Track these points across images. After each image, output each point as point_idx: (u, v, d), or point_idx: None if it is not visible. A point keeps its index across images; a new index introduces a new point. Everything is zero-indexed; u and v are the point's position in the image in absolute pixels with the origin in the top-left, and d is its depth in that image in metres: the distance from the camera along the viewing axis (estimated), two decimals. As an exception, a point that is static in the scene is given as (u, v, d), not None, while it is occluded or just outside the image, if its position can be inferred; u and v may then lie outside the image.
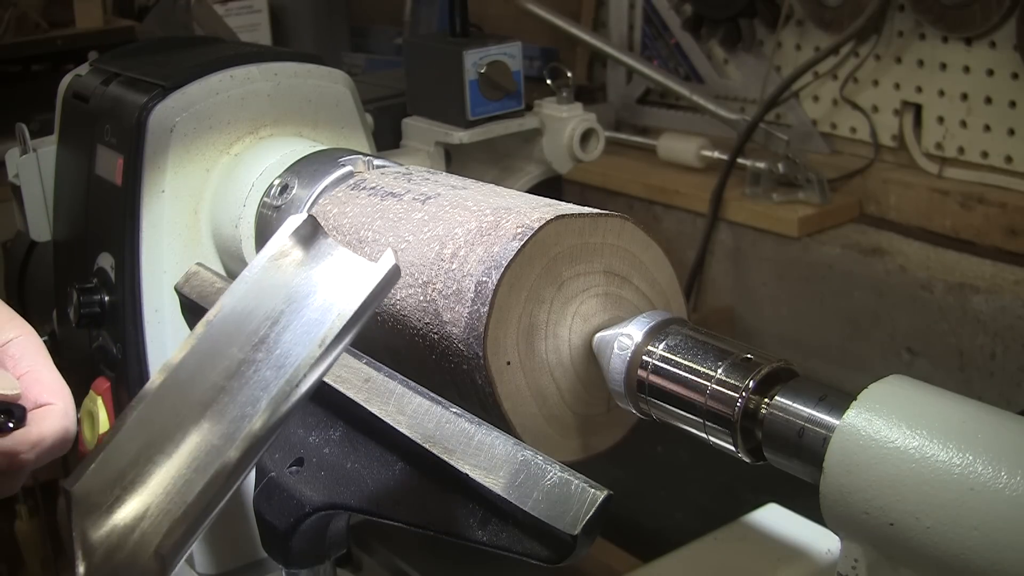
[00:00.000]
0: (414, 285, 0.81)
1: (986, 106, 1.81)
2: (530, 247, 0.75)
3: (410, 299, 0.81)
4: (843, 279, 1.90)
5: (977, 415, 0.62)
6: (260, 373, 0.65)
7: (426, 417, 0.72)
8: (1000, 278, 1.72)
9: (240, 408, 0.64)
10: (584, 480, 0.64)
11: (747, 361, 0.71)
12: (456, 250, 0.79)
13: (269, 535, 0.82)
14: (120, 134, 1.10)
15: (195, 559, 1.12)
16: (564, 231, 0.77)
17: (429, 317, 0.79)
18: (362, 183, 0.94)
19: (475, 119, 1.33)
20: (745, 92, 2.19)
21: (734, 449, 0.71)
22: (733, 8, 2.09)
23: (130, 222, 1.08)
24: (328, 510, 0.79)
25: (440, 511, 0.70)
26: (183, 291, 0.93)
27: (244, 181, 1.05)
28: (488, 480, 0.67)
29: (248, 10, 2.70)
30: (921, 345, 1.82)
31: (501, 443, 0.68)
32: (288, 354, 0.65)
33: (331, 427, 0.79)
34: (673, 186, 2.15)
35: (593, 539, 0.64)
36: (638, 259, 0.81)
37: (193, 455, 0.64)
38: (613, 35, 2.39)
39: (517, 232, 0.76)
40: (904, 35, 1.89)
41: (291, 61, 1.14)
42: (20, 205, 1.31)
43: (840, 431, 0.64)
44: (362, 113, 1.19)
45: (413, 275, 0.82)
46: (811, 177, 1.94)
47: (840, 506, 0.63)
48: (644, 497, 1.53)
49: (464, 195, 0.86)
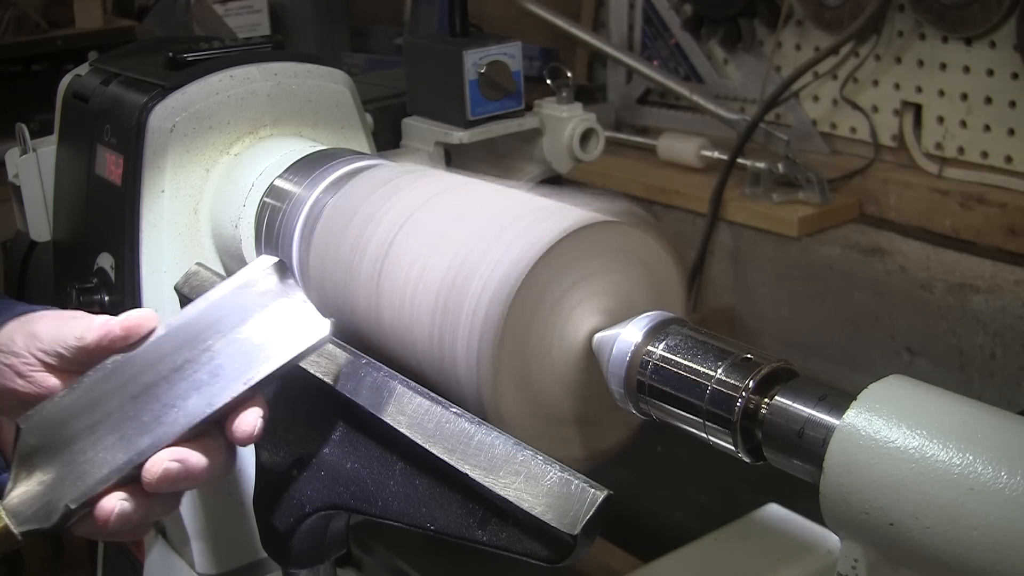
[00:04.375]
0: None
1: (986, 106, 1.81)
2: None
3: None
4: (843, 279, 1.90)
5: (977, 415, 0.62)
6: (197, 374, 0.77)
7: (426, 417, 0.72)
8: (1000, 278, 1.72)
9: (172, 399, 0.76)
10: (584, 480, 0.64)
11: (747, 361, 0.71)
12: (457, 253, 0.79)
13: (269, 535, 0.82)
14: (120, 134, 1.10)
15: (195, 559, 1.12)
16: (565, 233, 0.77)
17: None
18: (362, 184, 0.94)
19: (475, 119, 1.33)
20: (745, 92, 2.19)
21: (734, 449, 0.71)
22: (733, 8, 2.09)
23: (130, 222, 1.08)
24: (328, 510, 0.79)
25: (440, 511, 0.70)
26: (183, 291, 0.93)
27: (244, 181, 1.05)
28: (488, 480, 0.67)
29: (248, 10, 2.70)
30: (921, 345, 1.82)
31: (501, 443, 0.68)
32: (223, 367, 0.77)
33: (331, 427, 0.79)
34: (673, 186, 2.15)
35: (593, 539, 0.64)
36: (639, 258, 0.80)
37: (121, 427, 0.76)
38: (613, 35, 2.39)
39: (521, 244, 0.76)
40: (904, 35, 1.89)
41: (291, 61, 1.14)
42: (20, 205, 1.31)
43: (840, 431, 0.64)
44: (362, 113, 1.19)
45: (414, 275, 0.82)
46: (811, 177, 1.94)
47: (840, 506, 0.63)
48: (644, 497, 1.53)
49: (465, 199, 0.86)
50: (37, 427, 0.75)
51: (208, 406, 0.76)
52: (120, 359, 0.78)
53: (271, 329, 0.79)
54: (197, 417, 0.75)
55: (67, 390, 0.77)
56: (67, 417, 0.76)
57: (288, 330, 0.79)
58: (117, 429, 0.75)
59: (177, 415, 0.76)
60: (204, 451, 0.76)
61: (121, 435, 0.75)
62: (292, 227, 0.96)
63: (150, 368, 0.77)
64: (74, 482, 0.74)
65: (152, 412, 0.76)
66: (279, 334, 0.78)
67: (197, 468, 0.76)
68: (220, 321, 0.79)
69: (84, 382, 0.77)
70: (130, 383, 0.77)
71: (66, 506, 0.73)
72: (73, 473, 0.74)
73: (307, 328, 0.79)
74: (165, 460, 0.75)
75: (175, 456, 0.75)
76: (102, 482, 0.74)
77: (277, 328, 0.79)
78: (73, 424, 0.76)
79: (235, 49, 1.14)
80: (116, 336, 0.79)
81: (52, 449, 0.75)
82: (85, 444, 0.75)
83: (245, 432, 0.76)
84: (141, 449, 0.75)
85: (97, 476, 0.74)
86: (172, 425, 0.75)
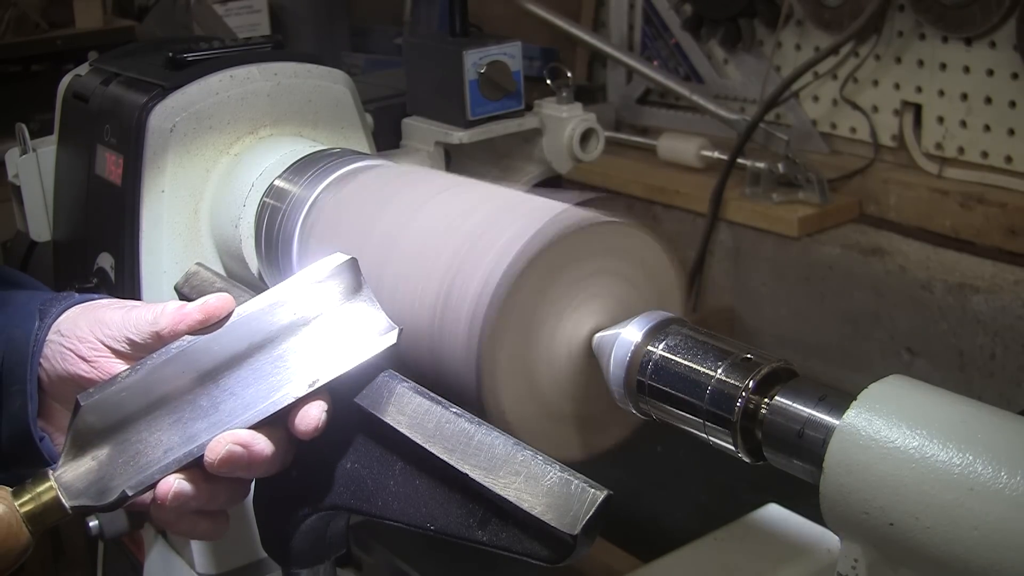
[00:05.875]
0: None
1: (986, 106, 1.81)
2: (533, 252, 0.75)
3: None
4: (843, 279, 1.90)
5: (977, 415, 0.62)
6: (261, 365, 0.77)
7: (426, 417, 0.72)
8: (1000, 278, 1.72)
9: (233, 386, 0.76)
10: (584, 480, 0.64)
11: (747, 361, 0.71)
12: (457, 252, 0.79)
13: (269, 535, 0.82)
14: (120, 134, 1.10)
15: (195, 559, 1.12)
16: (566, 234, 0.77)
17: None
18: (362, 184, 0.94)
19: (475, 119, 1.33)
20: (745, 92, 2.19)
21: (734, 449, 0.71)
22: (733, 8, 2.09)
23: (130, 222, 1.08)
24: (328, 510, 0.79)
25: (440, 511, 0.70)
26: (183, 291, 0.93)
27: (244, 181, 1.05)
28: (488, 480, 0.67)
29: (248, 10, 2.70)
30: (921, 345, 1.82)
31: (501, 443, 0.68)
32: (287, 363, 0.77)
33: (331, 427, 0.79)
34: (673, 186, 2.15)
35: (593, 539, 0.64)
36: (639, 258, 0.80)
37: (178, 410, 0.76)
38: (613, 35, 2.39)
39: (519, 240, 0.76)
40: (904, 35, 1.89)
41: (291, 61, 1.14)
42: (20, 205, 1.31)
43: (840, 431, 0.64)
44: (362, 113, 1.19)
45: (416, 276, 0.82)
46: (811, 177, 1.94)
47: (840, 506, 0.63)
48: (644, 497, 1.53)
49: (465, 198, 0.86)
50: (96, 405, 0.75)
51: (271, 404, 0.75)
52: (185, 343, 0.77)
53: (340, 329, 0.78)
54: (257, 410, 0.75)
55: (129, 370, 0.77)
56: (127, 398, 0.75)
57: (356, 333, 0.78)
58: (174, 412, 0.75)
59: (235, 403, 0.75)
60: (269, 439, 0.75)
61: (177, 418, 0.75)
62: (292, 227, 0.96)
63: (214, 354, 0.77)
64: (127, 461, 0.74)
65: (211, 398, 0.76)
66: (347, 336, 0.77)
67: (261, 455, 0.75)
68: (288, 314, 0.78)
69: (147, 364, 0.76)
70: (193, 367, 0.76)
71: (123, 491, 0.73)
72: (127, 452, 0.74)
73: (376, 333, 0.78)
74: (229, 442, 0.74)
75: (239, 439, 0.74)
76: (157, 463, 0.74)
77: (345, 329, 0.78)
78: (131, 404, 0.75)
79: (235, 49, 1.14)
80: (194, 321, 0.78)
81: (108, 428, 0.75)
82: (140, 425, 0.75)
83: (310, 426, 0.75)
84: (195, 434, 0.75)
85: (150, 457, 0.74)
86: (230, 414, 0.75)
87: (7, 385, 0.85)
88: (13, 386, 0.85)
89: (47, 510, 0.73)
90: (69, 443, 0.75)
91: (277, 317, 0.78)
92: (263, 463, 0.75)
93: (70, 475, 0.74)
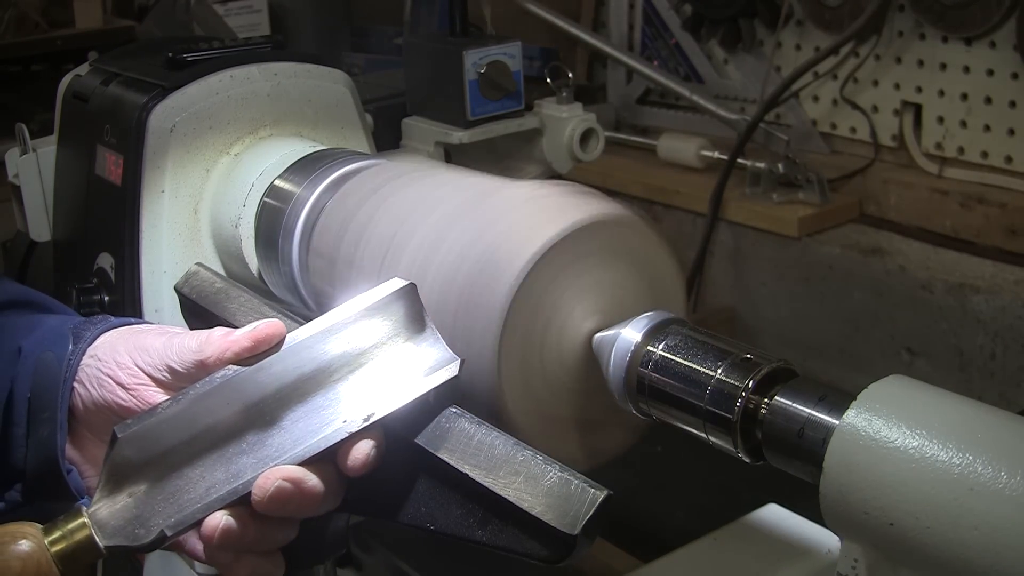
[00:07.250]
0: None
1: (986, 106, 1.81)
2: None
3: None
4: (843, 279, 1.90)
5: (977, 415, 0.62)
6: (312, 398, 0.72)
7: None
8: (1000, 278, 1.72)
9: (281, 420, 0.71)
10: (584, 480, 0.64)
11: (747, 361, 0.71)
12: (458, 253, 0.79)
13: (269, 535, 0.82)
14: (120, 134, 1.10)
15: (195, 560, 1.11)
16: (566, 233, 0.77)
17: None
18: (362, 183, 0.94)
19: (475, 119, 1.33)
20: (745, 92, 2.19)
21: (734, 449, 0.71)
22: (733, 8, 2.09)
23: (130, 222, 1.08)
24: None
25: (440, 511, 0.70)
26: (183, 291, 0.93)
27: (244, 181, 1.05)
28: (488, 480, 0.67)
29: (248, 10, 2.70)
30: (921, 345, 1.82)
31: (501, 443, 0.68)
32: (340, 396, 0.72)
33: (331, 427, 0.79)
34: (673, 186, 2.15)
35: (593, 539, 0.63)
36: (639, 258, 0.80)
37: (221, 445, 0.70)
38: (613, 35, 2.39)
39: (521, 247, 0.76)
40: (904, 35, 1.89)
41: (291, 61, 1.14)
42: (20, 205, 1.31)
43: (840, 431, 0.64)
44: (362, 113, 1.19)
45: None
46: (811, 177, 1.94)
47: (840, 506, 0.63)
48: (644, 497, 1.53)
49: (466, 197, 0.86)
50: (134, 438, 0.69)
51: (323, 439, 0.70)
52: (230, 372, 0.72)
53: (396, 360, 0.73)
54: (308, 445, 0.70)
55: (170, 400, 0.71)
56: (167, 430, 0.70)
57: (414, 364, 0.73)
58: (218, 446, 0.70)
59: (284, 438, 0.70)
60: (319, 476, 0.70)
61: (221, 453, 0.70)
62: (292, 227, 0.96)
63: (261, 385, 0.72)
64: (167, 499, 0.69)
65: (258, 432, 0.71)
66: (404, 367, 0.73)
67: (311, 493, 0.69)
68: (341, 344, 0.73)
69: (189, 394, 0.71)
70: (238, 399, 0.71)
71: (162, 531, 0.68)
72: (167, 489, 0.70)
73: (434, 365, 0.73)
74: (278, 478, 0.68)
75: (290, 476, 0.68)
76: (199, 501, 0.69)
77: (402, 360, 0.73)
78: (172, 437, 0.70)
79: (235, 49, 1.14)
80: (242, 348, 0.72)
81: (147, 462, 0.69)
82: (181, 459, 0.70)
83: (358, 462, 0.70)
84: (240, 470, 0.70)
85: (192, 494, 0.69)
86: (278, 449, 0.70)
87: (36, 411, 0.79)
88: (43, 412, 0.79)
89: (80, 549, 0.68)
90: (105, 478, 0.69)
91: (330, 346, 0.73)
92: (313, 502, 0.70)
93: (105, 512, 0.69)
